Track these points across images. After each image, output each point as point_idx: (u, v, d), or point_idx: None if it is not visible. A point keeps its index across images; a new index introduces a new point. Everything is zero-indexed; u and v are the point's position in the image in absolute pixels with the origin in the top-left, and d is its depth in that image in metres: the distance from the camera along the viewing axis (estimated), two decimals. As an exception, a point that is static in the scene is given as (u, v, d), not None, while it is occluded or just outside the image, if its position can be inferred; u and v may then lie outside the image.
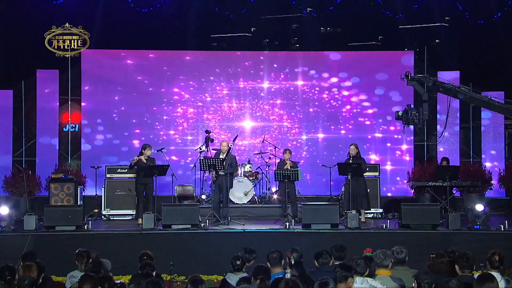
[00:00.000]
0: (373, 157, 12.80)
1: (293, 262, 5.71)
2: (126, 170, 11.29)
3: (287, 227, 9.35)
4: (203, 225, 9.45)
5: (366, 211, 10.62)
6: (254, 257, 6.11)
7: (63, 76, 12.77)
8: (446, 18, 12.85)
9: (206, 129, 12.11)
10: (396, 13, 12.94)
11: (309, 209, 9.52)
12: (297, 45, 13.33)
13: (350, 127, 13.15)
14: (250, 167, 12.07)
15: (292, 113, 13.27)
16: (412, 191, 12.02)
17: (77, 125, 12.97)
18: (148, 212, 9.55)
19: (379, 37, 12.95)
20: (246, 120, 13.32)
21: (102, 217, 11.18)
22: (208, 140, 11.82)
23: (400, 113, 9.62)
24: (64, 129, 12.93)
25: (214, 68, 13.18)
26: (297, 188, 10.53)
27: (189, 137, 13.15)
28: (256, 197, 11.81)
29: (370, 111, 13.20)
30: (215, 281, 8.02)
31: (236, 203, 11.42)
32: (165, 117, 13.10)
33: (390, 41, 13.11)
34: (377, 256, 5.53)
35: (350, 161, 10.27)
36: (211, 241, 9.00)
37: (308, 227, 9.30)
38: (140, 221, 9.85)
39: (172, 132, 13.14)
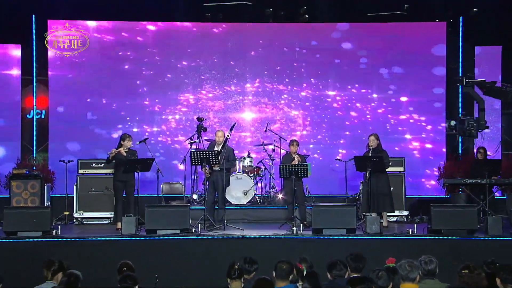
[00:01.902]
0: (396, 147, 12.80)
1: (305, 273, 5.71)
2: (102, 165, 11.29)
3: (294, 232, 9.36)
4: (195, 230, 9.46)
5: (388, 214, 10.61)
6: (255, 269, 6.10)
7: (27, 52, 12.75)
8: (486, -18, 12.80)
9: (198, 116, 12.12)
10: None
11: (320, 211, 9.52)
12: (306, 16, 13.25)
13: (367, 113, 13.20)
14: (250, 162, 12.07)
15: (300, 96, 13.23)
16: (444, 190, 12.02)
17: (43, 111, 12.96)
18: (128, 214, 9.56)
19: (405, 5, 12.88)
20: (245, 108, 13.28)
21: (74, 220, 11.19)
22: (200, 129, 11.82)
23: (452, 123, 9.61)
24: (28, 115, 12.92)
25: (208, 43, 13.12)
26: (306, 187, 10.53)
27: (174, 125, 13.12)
28: (257, 197, 11.84)
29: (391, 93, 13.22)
30: (209, 296, 8.05)
31: (234, 204, 11.44)
32: (149, 103, 13.06)
33: (417, 10, 13.05)
34: (402, 267, 5.52)
35: (370, 154, 10.25)
36: (204, 249, 9.00)
37: (319, 233, 9.31)
38: (119, 225, 9.86)
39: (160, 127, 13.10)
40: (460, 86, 12.78)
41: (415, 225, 9.83)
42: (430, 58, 13.05)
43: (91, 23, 12.72)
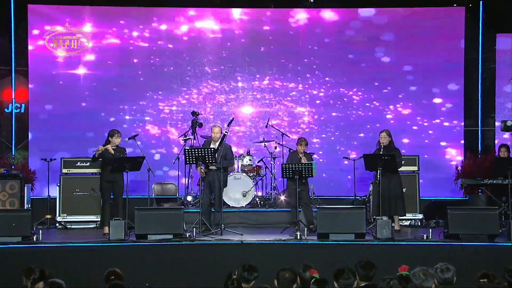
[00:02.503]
0: (407, 143, 12.80)
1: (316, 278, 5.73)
2: (88, 164, 11.29)
3: (298, 237, 9.36)
4: (189, 235, 9.46)
5: (401, 217, 10.62)
6: (255, 277, 6.10)
7: (4, 40, 12.73)
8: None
9: (193, 110, 12.11)
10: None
11: (327, 214, 9.53)
12: (312, 1, 13.25)
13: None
14: (250, 160, 12.07)
15: (307, 87, 13.23)
16: (462, 191, 12.05)
17: (23, 105, 12.95)
18: (117, 218, 9.56)
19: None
20: (245, 101, 13.29)
21: (57, 225, 11.19)
22: (195, 125, 11.81)
23: (509, 123, 9.57)
24: (6, 110, 12.92)
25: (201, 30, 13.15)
26: (311, 187, 10.55)
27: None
28: (257, 199, 11.84)
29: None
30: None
31: (232, 207, 11.45)
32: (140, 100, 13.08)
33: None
34: (416, 276, 5.52)
35: (381, 152, 10.25)
36: (200, 256, 9.00)
37: (325, 238, 9.32)
38: (106, 230, 9.86)
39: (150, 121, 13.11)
40: (480, 79, 12.81)
41: (430, 229, 9.84)
42: (446, 47, 13.02)
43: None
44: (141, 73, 13.03)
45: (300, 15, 13.16)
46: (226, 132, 10.42)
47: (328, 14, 13.16)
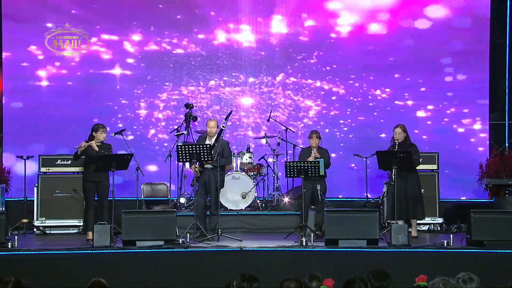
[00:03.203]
0: (425, 138, 12.73)
1: None
2: (69, 162, 11.29)
3: (304, 244, 9.36)
4: (182, 242, 9.46)
5: (419, 221, 10.61)
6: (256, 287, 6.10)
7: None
8: None
9: (186, 102, 12.10)
10: None
11: (335, 218, 9.52)
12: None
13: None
14: (250, 158, 12.07)
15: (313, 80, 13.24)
16: (487, 192, 12.03)
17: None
18: (101, 222, 9.56)
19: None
20: (245, 91, 13.30)
21: (35, 230, 11.20)
22: (189, 118, 11.80)
23: None
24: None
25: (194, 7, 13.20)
26: (318, 188, 10.52)
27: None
28: (258, 201, 11.84)
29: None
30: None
31: (230, 210, 11.45)
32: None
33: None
34: (436, 287, 5.50)
35: (396, 149, 10.24)
36: (194, 264, 9.00)
37: (334, 244, 9.31)
38: (90, 235, 9.87)
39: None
40: (507, 67, 12.78)
41: (452, 235, 9.82)
42: (468, 32, 13.02)
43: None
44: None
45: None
46: (223, 126, 10.40)
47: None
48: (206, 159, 10.05)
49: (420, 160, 10.62)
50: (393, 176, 9.96)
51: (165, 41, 12.91)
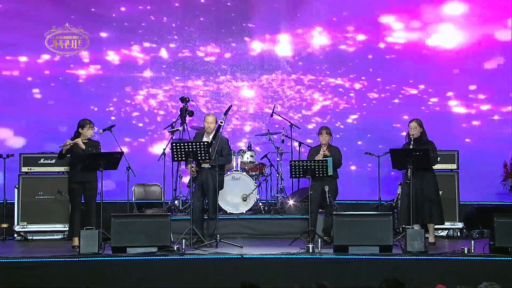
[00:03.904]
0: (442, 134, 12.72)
1: None
2: (53, 161, 11.31)
3: (310, 250, 9.35)
4: (178, 248, 9.46)
5: (436, 226, 10.60)
6: (258, 298, 6.10)
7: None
8: None
9: (182, 95, 12.10)
10: None
11: (345, 222, 9.50)
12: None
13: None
14: (251, 156, 12.07)
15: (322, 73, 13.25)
16: None
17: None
18: (89, 227, 9.55)
19: None
20: (245, 84, 13.34)
21: (15, 235, 11.21)
22: (184, 113, 11.79)
23: None
24: None
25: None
26: (326, 190, 10.51)
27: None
28: (260, 204, 11.85)
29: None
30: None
31: (230, 213, 11.47)
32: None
33: None
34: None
35: (411, 147, 10.23)
36: (190, 273, 8.98)
37: (344, 251, 9.30)
38: (76, 241, 9.87)
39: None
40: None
41: (473, 241, 9.76)
42: (487, 17, 13.10)
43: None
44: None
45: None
46: (221, 122, 10.39)
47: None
48: (203, 157, 10.04)
49: (438, 158, 10.60)
50: (408, 176, 9.96)
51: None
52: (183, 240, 9.69)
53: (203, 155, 9.99)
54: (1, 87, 13.05)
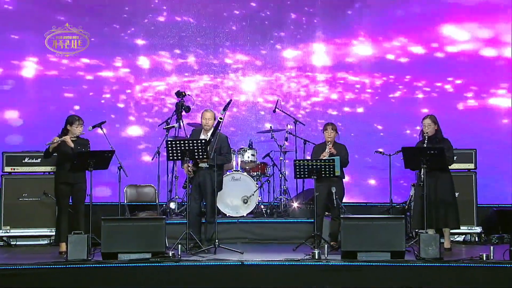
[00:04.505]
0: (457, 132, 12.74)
1: None
2: (39, 160, 11.32)
3: (316, 257, 9.34)
4: (173, 254, 9.44)
5: (452, 231, 10.59)
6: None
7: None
8: None
9: (178, 90, 12.11)
10: None
11: (354, 227, 9.47)
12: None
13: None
14: (253, 155, 12.07)
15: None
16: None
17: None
18: (77, 232, 9.53)
19: None
20: (245, 76, 13.38)
21: (-2, 240, 11.22)
22: (180, 108, 11.78)
23: None
24: None
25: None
26: (333, 191, 10.51)
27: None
28: (262, 206, 11.85)
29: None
30: None
31: (230, 216, 11.48)
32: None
33: None
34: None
35: (425, 145, 10.22)
36: (187, 281, 8.97)
37: (352, 258, 9.28)
38: (63, 247, 9.88)
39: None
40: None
41: (492, 247, 9.75)
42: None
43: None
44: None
45: None
46: (221, 118, 10.37)
47: None
48: (200, 156, 10.03)
49: (454, 157, 10.58)
50: (422, 176, 9.95)
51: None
52: (179, 245, 9.66)
53: (200, 153, 9.98)
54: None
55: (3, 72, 13.28)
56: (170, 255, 9.37)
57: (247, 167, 11.93)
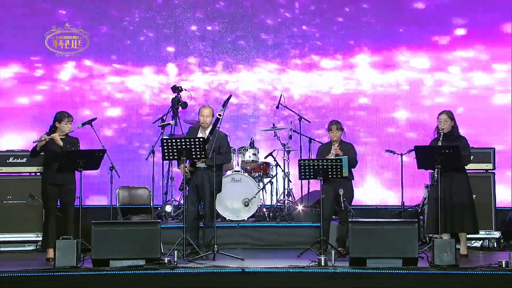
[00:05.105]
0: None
1: None
2: (25, 160, 11.34)
3: (323, 263, 9.33)
4: (169, 261, 9.44)
5: (469, 235, 10.59)
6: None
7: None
8: None
9: (174, 84, 12.11)
10: None
11: (363, 231, 9.46)
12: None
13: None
14: (254, 155, 12.08)
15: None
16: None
17: None
18: (66, 237, 9.54)
19: None
20: (245, 70, 13.40)
21: (-19, 246, 11.25)
22: (177, 104, 11.78)
23: None
24: None
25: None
26: (340, 194, 10.51)
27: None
28: (265, 210, 11.86)
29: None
30: None
31: (230, 220, 11.49)
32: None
33: None
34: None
35: (440, 143, 10.21)
36: (184, 289, 9.02)
37: (361, 265, 9.28)
38: (51, 253, 9.88)
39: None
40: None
41: (511, 253, 9.79)
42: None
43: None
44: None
45: None
46: (220, 115, 10.37)
47: None
48: (198, 156, 10.04)
49: (471, 157, 10.57)
50: (436, 176, 9.94)
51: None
52: (175, 251, 9.67)
53: (198, 153, 9.98)
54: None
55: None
56: (166, 261, 9.35)
57: (248, 167, 11.93)
